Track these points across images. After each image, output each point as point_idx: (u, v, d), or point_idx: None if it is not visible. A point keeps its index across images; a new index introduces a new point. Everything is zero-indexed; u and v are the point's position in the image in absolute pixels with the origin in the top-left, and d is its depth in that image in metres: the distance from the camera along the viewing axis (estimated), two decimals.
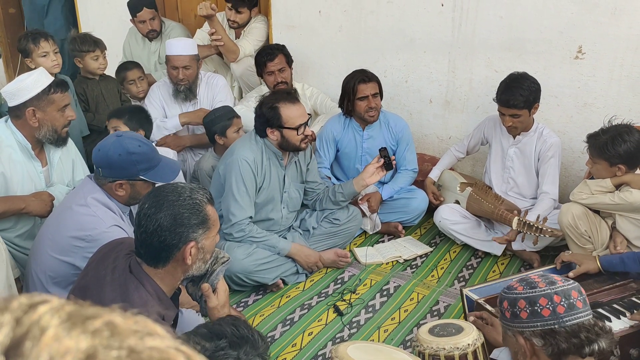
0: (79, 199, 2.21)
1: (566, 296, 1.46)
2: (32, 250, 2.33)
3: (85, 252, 2.10)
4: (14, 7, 5.70)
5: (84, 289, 1.77)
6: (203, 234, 1.70)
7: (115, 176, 2.17)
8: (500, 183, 3.26)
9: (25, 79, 2.41)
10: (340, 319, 2.69)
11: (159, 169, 2.21)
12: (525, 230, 2.80)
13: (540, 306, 1.46)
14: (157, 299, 1.69)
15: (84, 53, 3.47)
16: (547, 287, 1.48)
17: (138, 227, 1.69)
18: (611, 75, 3.11)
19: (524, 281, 1.54)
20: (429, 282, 2.98)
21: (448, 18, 3.49)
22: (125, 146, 2.15)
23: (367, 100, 3.29)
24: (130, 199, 2.24)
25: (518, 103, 2.89)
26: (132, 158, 2.14)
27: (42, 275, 2.23)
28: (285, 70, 3.66)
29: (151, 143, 2.29)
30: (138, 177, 2.18)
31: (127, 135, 2.25)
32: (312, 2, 3.94)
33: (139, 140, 2.21)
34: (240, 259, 2.77)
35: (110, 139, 2.21)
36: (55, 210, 2.38)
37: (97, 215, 2.16)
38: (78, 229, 2.15)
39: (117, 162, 2.14)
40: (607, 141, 2.55)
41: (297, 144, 2.85)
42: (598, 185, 2.66)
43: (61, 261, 2.18)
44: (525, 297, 1.49)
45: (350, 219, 3.21)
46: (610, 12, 3.01)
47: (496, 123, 3.22)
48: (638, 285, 2.33)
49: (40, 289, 2.23)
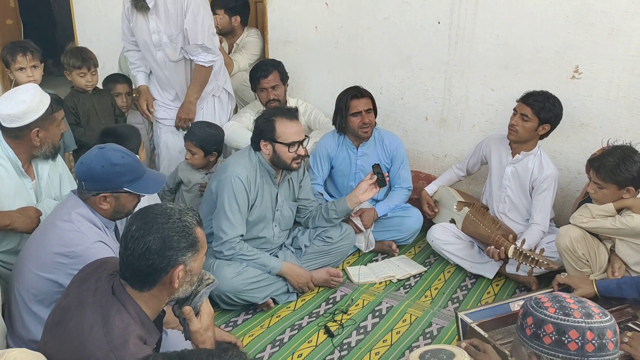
0: (62, 214, 2.17)
1: (600, 335, 1.35)
2: (14, 268, 2.27)
3: (69, 268, 2.05)
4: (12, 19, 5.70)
5: (65, 310, 1.72)
6: (191, 257, 1.66)
7: (99, 189, 2.12)
8: (498, 202, 3.22)
9: (27, 101, 2.34)
10: (330, 340, 2.64)
11: (143, 180, 2.17)
12: (520, 260, 2.75)
13: (569, 338, 1.36)
14: (139, 323, 1.64)
15: (72, 68, 3.44)
16: (582, 320, 1.37)
17: (125, 249, 1.64)
18: (608, 95, 3.09)
19: (557, 302, 1.43)
20: (422, 303, 2.93)
21: (444, 36, 3.48)
22: (109, 158, 2.10)
23: (360, 116, 3.26)
24: (115, 212, 2.19)
25: (535, 105, 2.90)
26: (116, 169, 2.10)
27: (24, 293, 2.17)
28: (279, 88, 3.63)
29: (135, 155, 2.23)
30: (122, 189, 2.13)
31: (110, 147, 2.19)
32: (308, 18, 3.93)
33: (122, 152, 2.16)
34: (229, 277, 2.72)
35: (93, 151, 2.16)
36: (39, 226, 2.33)
37: (81, 231, 2.11)
38: (61, 245, 2.10)
39: (100, 175, 2.10)
40: (617, 163, 2.49)
41: (288, 162, 2.81)
42: (599, 209, 2.62)
43: (44, 278, 2.13)
44: (556, 323, 1.39)
45: (343, 237, 3.17)
46: (607, 33, 3.00)
47: (497, 141, 3.20)
48: (634, 311, 2.29)
49: (23, 308, 2.18)
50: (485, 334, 2.14)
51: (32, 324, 2.16)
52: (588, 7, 3.01)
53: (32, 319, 2.17)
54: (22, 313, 2.18)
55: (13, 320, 2.22)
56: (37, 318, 2.15)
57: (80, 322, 1.62)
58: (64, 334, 1.63)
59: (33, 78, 3.09)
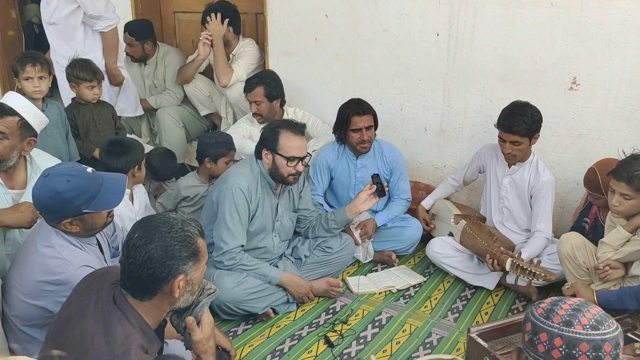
0: (42, 239, 2.08)
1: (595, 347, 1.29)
2: (2, 290, 2.21)
3: (57, 295, 1.99)
4: (13, 30, 5.73)
5: (67, 319, 1.72)
6: (193, 267, 1.67)
7: (58, 218, 2.03)
8: (496, 213, 3.23)
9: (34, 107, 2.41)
10: (330, 350, 2.63)
11: (101, 196, 2.04)
12: (518, 273, 2.76)
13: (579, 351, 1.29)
14: (140, 332, 1.65)
15: (80, 80, 3.44)
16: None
17: (126, 258, 1.64)
18: (605, 106, 3.12)
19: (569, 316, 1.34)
20: (422, 314, 2.93)
21: (443, 47, 3.51)
22: (53, 187, 1.97)
23: (360, 133, 3.28)
24: (88, 231, 2.11)
25: (520, 130, 2.88)
26: (64, 197, 1.97)
27: (15, 319, 2.13)
28: (262, 104, 3.67)
29: (84, 171, 2.05)
30: (81, 212, 2.02)
31: (54, 172, 2.02)
32: (308, 29, 3.96)
33: (67, 175, 2.00)
34: (229, 287, 2.72)
35: (39, 182, 2.03)
36: (22, 248, 2.21)
37: (63, 257, 2.04)
38: (45, 272, 2.03)
39: (51, 206, 1.99)
40: None
41: (285, 175, 2.83)
42: (618, 240, 2.54)
43: (33, 305, 2.07)
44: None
45: (343, 247, 3.17)
46: (604, 45, 3.03)
47: (493, 151, 3.21)
48: (634, 321, 2.30)
49: (16, 330, 2.14)
50: (485, 344, 2.14)
51: (26, 343, 2.14)
52: (585, 19, 3.04)
53: (26, 339, 2.14)
54: (16, 334, 2.16)
55: (7, 338, 2.19)
56: (31, 338, 2.13)
57: (81, 332, 1.63)
58: (66, 342, 1.63)
59: (39, 89, 3.14)
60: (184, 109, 4.46)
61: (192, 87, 4.36)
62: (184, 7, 4.79)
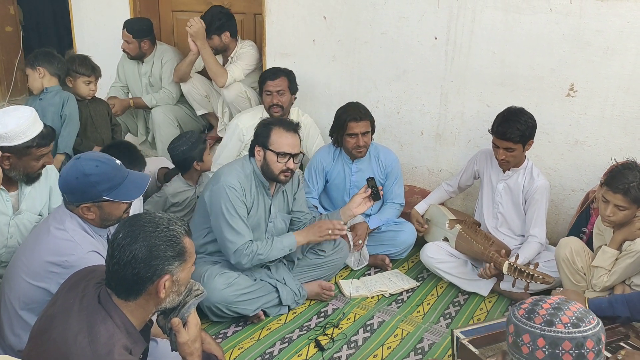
0: (56, 222, 2.15)
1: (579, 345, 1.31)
2: (5, 275, 2.25)
3: (61, 278, 1.99)
4: (11, 25, 5.71)
5: (51, 318, 1.69)
6: (179, 267, 1.65)
7: (79, 200, 2.10)
8: (490, 218, 3.22)
9: (8, 126, 2.28)
10: (321, 354, 2.61)
11: (123, 187, 2.12)
12: (516, 276, 2.74)
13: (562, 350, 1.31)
14: (125, 332, 1.62)
15: (78, 75, 3.45)
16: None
17: (111, 257, 1.62)
18: (603, 113, 3.10)
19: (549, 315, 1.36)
20: (414, 318, 2.91)
21: (441, 51, 3.50)
22: (81, 169, 2.07)
23: (356, 138, 3.26)
24: (103, 220, 2.16)
25: (514, 136, 2.87)
26: (90, 180, 2.06)
27: (15, 301, 2.15)
28: (284, 95, 3.60)
29: (114, 161, 2.15)
30: (102, 198, 2.09)
31: (86, 156, 2.15)
32: (306, 31, 3.95)
33: (96, 160, 2.11)
34: (220, 288, 2.69)
35: (70, 162, 2.13)
36: (33, 231, 2.29)
37: (75, 240, 2.09)
38: (55, 253, 2.08)
39: (76, 186, 2.08)
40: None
41: (276, 173, 2.79)
42: (607, 260, 2.54)
43: (35, 287, 2.10)
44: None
45: (337, 251, 3.15)
46: (602, 52, 3.02)
47: (488, 156, 3.20)
48: (626, 330, 2.28)
49: (13, 314, 2.15)
50: (476, 351, 2.12)
51: (21, 330, 2.14)
52: (584, 26, 3.03)
53: (22, 326, 2.14)
54: (12, 320, 2.16)
55: (2, 325, 2.20)
56: (27, 325, 2.11)
57: (64, 331, 1.60)
58: (49, 342, 1.61)
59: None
60: (179, 108, 4.44)
61: (189, 86, 4.34)
62: (183, 6, 4.77)
